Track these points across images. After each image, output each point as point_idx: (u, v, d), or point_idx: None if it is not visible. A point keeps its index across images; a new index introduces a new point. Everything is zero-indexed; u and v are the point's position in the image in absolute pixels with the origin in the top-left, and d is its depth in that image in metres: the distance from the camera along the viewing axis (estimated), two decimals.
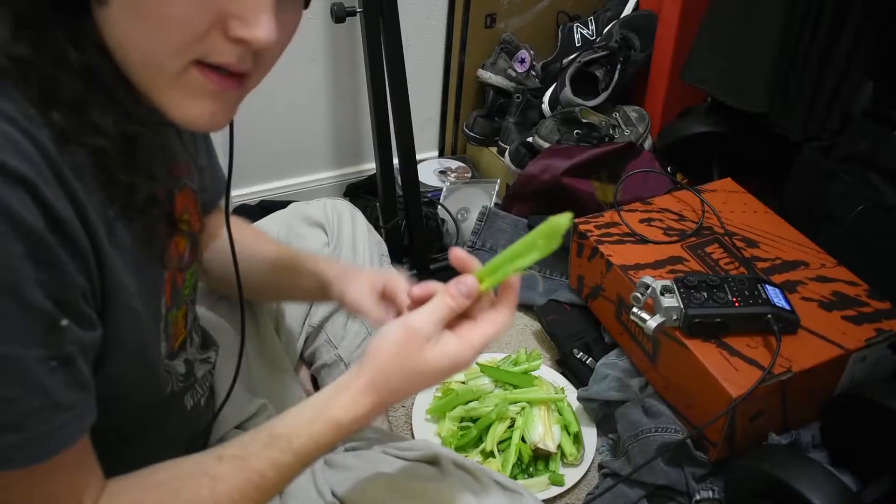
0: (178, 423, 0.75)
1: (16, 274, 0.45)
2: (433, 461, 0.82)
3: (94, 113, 0.51)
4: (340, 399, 0.61)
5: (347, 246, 1.10)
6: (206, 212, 0.83)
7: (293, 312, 1.09)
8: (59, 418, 0.50)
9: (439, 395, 1.26)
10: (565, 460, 1.16)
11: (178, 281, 0.66)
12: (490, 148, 1.79)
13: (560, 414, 1.21)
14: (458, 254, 0.65)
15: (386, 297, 0.82)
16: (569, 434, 1.18)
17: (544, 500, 1.12)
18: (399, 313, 0.79)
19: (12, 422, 0.48)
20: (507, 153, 1.69)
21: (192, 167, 0.70)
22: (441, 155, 1.89)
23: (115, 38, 0.50)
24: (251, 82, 0.55)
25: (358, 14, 1.34)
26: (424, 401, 1.25)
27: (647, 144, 1.68)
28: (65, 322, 0.49)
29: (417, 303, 0.64)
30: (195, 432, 0.81)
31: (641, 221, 1.32)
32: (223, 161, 0.78)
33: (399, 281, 0.80)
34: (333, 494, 0.79)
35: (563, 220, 0.58)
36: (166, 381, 0.68)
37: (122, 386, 0.59)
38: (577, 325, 1.36)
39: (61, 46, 0.50)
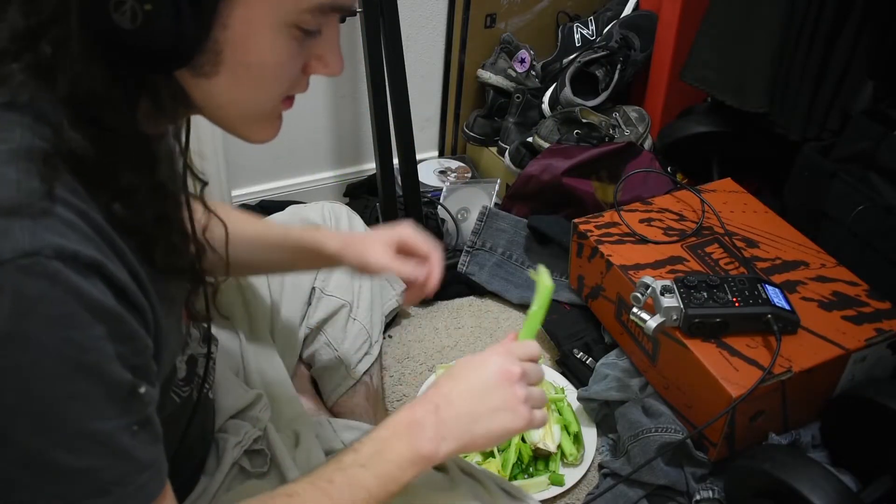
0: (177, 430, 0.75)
1: (99, 354, 0.48)
2: (439, 467, 0.82)
3: (141, 198, 0.53)
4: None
5: None
6: None
7: (290, 313, 1.09)
8: (143, 477, 0.51)
9: None
10: (565, 460, 1.16)
11: (192, 295, 0.68)
12: (490, 148, 1.79)
13: (560, 414, 1.21)
14: None
15: (403, 252, 0.86)
16: (569, 434, 1.18)
17: (544, 501, 1.12)
18: (423, 263, 0.86)
19: (101, 488, 0.49)
20: (507, 153, 1.69)
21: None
22: (441, 155, 1.89)
23: (216, 101, 0.54)
24: None
25: (358, 14, 1.34)
26: None
27: (647, 144, 1.68)
28: (143, 389, 0.51)
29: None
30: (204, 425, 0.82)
31: (641, 221, 1.31)
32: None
33: (411, 232, 0.86)
34: None
35: (546, 279, 0.77)
36: (171, 402, 0.68)
37: None
38: (577, 325, 1.36)
39: (120, 137, 0.51)
